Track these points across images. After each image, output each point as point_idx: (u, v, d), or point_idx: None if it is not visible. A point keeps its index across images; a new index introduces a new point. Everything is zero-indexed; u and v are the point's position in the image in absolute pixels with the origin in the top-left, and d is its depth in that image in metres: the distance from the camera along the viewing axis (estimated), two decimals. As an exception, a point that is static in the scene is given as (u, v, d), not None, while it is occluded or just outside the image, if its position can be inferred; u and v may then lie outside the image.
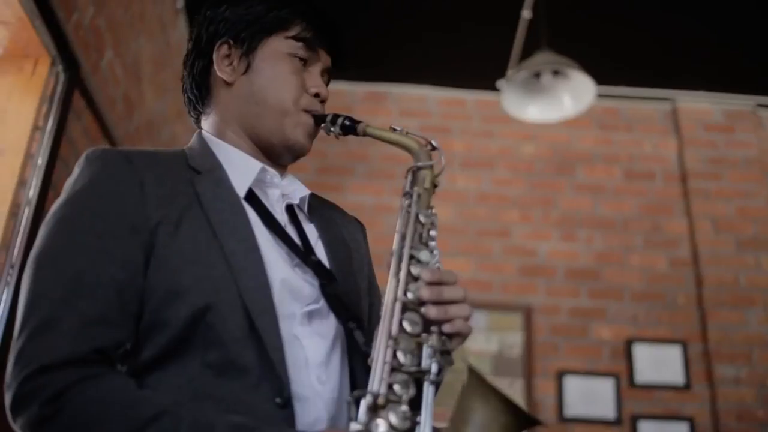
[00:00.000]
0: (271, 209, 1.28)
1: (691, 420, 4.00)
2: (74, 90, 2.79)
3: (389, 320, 1.09)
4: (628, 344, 4.18)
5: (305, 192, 1.37)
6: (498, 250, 4.40)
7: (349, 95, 4.80)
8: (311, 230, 1.34)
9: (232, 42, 1.33)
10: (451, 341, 1.12)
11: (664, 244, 4.44)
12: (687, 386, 4.08)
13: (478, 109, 4.71)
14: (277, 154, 1.34)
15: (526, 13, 3.58)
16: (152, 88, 3.87)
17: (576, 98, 3.43)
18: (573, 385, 4.06)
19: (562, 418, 3.99)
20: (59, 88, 2.73)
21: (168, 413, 0.99)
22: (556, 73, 3.38)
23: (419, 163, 1.27)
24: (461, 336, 1.14)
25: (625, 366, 4.14)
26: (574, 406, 4.02)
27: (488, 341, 4.15)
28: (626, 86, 4.61)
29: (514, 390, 4.02)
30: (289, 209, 1.33)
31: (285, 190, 1.34)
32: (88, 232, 1.10)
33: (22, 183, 2.56)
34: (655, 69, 4.37)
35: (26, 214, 2.54)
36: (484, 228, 4.46)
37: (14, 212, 2.52)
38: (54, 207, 1.15)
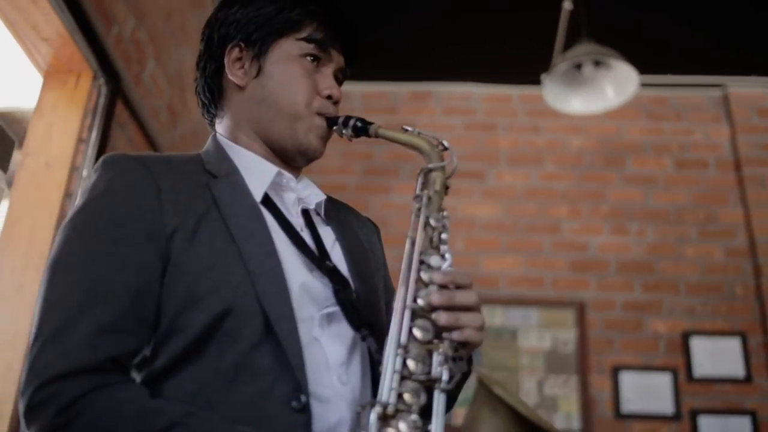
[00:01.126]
0: (287, 213, 1.28)
1: (753, 414, 3.89)
2: (116, 102, 2.85)
3: (398, 328, 1.09)
4: (685, 337, 4.08)
5: (321, 197, 1.36)
6: (548, 245, 4.35)
7: (393, 96, 4.80)
8: (328, 233, 1.34)
9: (243, 45, 1.33)
10: (462, 348, 1.09)
11: (720, 234, 4.33)
12: (748, 379, 3.97)
13: (523, 103, 4.66)
14: (291, 158, 1.34)
15: (567, 4, 3.53)
16: (196, 97, 3.92)
17: (619, 88, 3.37)
18: (629, 381, 3.99)
19: (619, 415, 3.92)
20: (101, 101, 2.79)
21: (179, 425, 0.99)
22: (597, 63, 3.32)
23: (430, 165, 1.24)
24: (473, 345, 1.12)
25: (683, 360, 4.04)
26: (631, 402, 3.94)
27: (541, 338, 4.09)
28: (673, 74, 4.51)
29: (569, 387, 3.96)
30: (305, 213, 1.33)
31: (301, 194, 1.34)
32: (104, 239, 1.10)
33: (68, 195, 2.62)
34: (703, 55, 4.27)
35: (73, 225, 2.59)
36: (533, 224, 4.41)
37: (62, 224, 2.58)
38: (71, 213, 1.16)
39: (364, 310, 1.24)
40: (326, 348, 1.17)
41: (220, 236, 1.15)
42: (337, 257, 1.30)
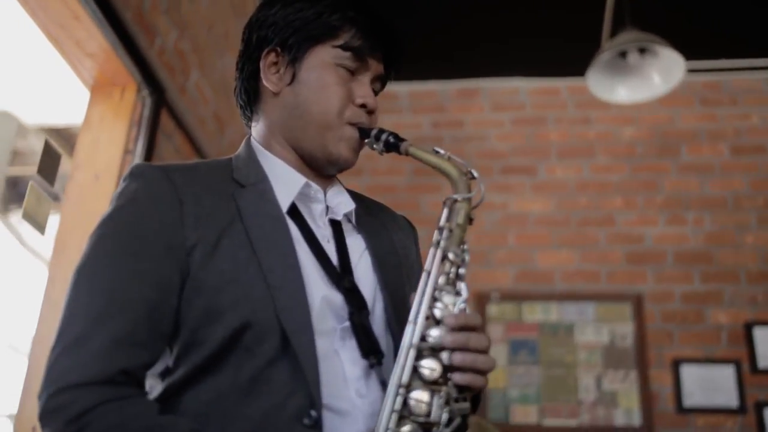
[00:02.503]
0: (313, 225, 1.27)
1: (822, 404, 3.76)
2: (161, 113, 2.90)
3: (401, 367, 1.08)
4: (748, 328, 3.96)
5: (351, 206, 1.34)
6: (603, 238, 4.28)
7: (441, 94, 4.79)
8: (358, 243, 1.32)
9: (279, 50, 1.30)
10: (467, 390, 1.09)
11: (781, 220, 4.20)
12: (815, 369, 3.84)
13: (572, 95, 4.59)
14: (321, 167, 1.32)
15: (611, -8, 3.47)
16: (241, 103, 3.98)
17: (665, 75, 3.29)
18: (691, 374, 3.89)
19: (681, 409, 3.83)
20: (146, 112, 2.85)
21: None
22: (642, 51, 3.25)
23: (456, 196, 1.19)
24: (477, 388, 1.11)
25: (746, 351, 3.93)
26: (694, 396, 3.85)
27: (598, 333, 4.03)
28: (726, 59, 4.38)
29: (629, 382, 3.89)
30: (334, 223, 1.31)
31: (330, 203, 1.32)
32: (125, 252, 1.12)
33: (117, 206, 2.68)
34: (756, 37, 4.14)
35: (122, 235, 2.65)
36: (586, 217, 4.34)
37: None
38: (99, 221, 1.18)
39: (376, 333, 1.22)
40: (345, 361, 1.16)
41: (242, 249, 1.16)
42: (365, 268, 1.29)
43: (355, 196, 1.40)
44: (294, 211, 1.26)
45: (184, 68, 3.24)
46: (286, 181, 1.28)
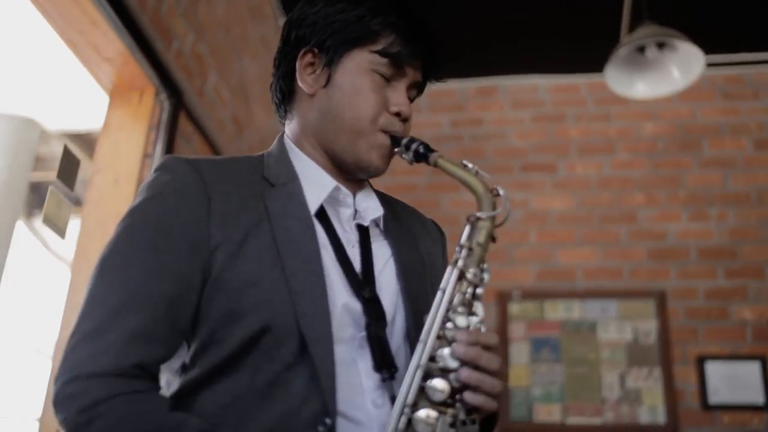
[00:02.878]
0: (340, 229, 1.26)
1: None
2: (179, 116, 2.92)
3: (408, 386, 1.08)
4: (774, 324, 3.92)
5: (379, 211, 1.33)
6: (625, 235, 4.24)
7: (460, 92, 4.77)
8: (384, 249, 1.31)
9: (316, 50, 1.28)
10: (475, 412, 1.08)
11: (806, 214, 4.14)
12: (843, 365, 3.79)
13: (591, 92, 4.55)
14: (351, 172, 1.30)
15: (629, -13, 3.44)
16: (262, 107, 3.99)
17: (685, 70, 3.25)
18: (716, 371, 3.85)
19: (707, 406, 3.79)
20: (164, 116, 2.87)
21: None
22: (661, 46, 3.22)
23: (479, 214, 1.17)
24: (485, 411, 1.09)
25: (772, 347, 3.89)
26: (719, 393, 3.81)
27: (621, 330, 4.00)
28: (746, 52, 4.33)
29: (653, 379, 3.85)
30: (361, 228, 1.30)
31: (359, 207, 1.31)
32: (148, 246, 1.12)
33: (136, 209, 2.70)
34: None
35: (142, 238, 2.66)
36: (608, 214, 4.31)
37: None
38: (126, 211, 1.18)
39: (391, 347, 1.20)
40: (362, 371, 1.16)
41: (267, 250, 1.15)
42: (389, 276, 1.27)
43: (384, 198, 1.39)
44: (322, 214, 1.25)
45: (201, 71, 3.26)
46: (316, 183, 1.27)
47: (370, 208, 1.32)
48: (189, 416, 1.07)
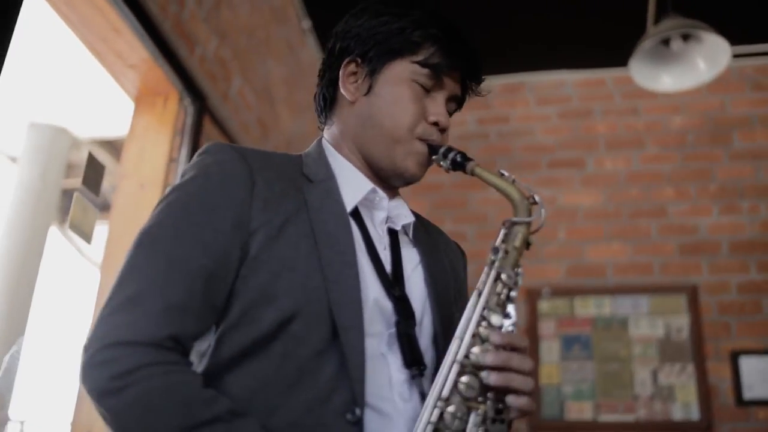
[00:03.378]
0: (372, 231, 1.28)
1: None
2: (203, 120, 2.94)
3: (443, 381, 1.10)
4: (809, 317, 3.85)
5: (410, 218, 1.36)
6: (655, 230, 4.20)
7: (485, 90, 4.74)
8: (412, 255, 1.33)
9: (359, 60, 1.33)
10: (507, 412, 1.10)
11: (840, 205, 4.06)
12: None
13: (618, 86, 4.51)
14: (387, 178, 1.34)
15: (652, -21, 3.40)
16: (287, 109, 4.01)
17: (711, 61, 3.21)
18: (750, 366, 3.79)
19: (741, 402, 3.73)
20: (189, 121, 2.89)
21: (221, 421, 1.02)
22: (686, 37, 3.18)
23: (515, 219, 1.21)
24: (519, 411, 1.12)
25: (808, 341, 3.82)
26: (754, 388, 3.75)
27: (653, 326, 3.95)
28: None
29: (686, 375, 3.81)
30: (392, 233, 1.32)
31: (391, 213, 1.34)
32: (191, 221, 1.14)
33: (162, 213, 2.73)
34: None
35: (168, 242, 2.69)
36: (637, 209, 4.26)
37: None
38: (168, 189, 1.20)
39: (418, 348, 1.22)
40: (391, 365, 1.17)
41: (304, 239, 1.17)
42: (417, 280, 1.30)
43: (414, 214, 1.42)
44: (356, 214, 1.28)
45: (225, 75, 3.28)
46: (352, 184, 1.30)
47: (402, 215, 1.35)
48: (220, 395, 1.07)
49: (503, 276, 1.17)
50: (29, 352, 3.49)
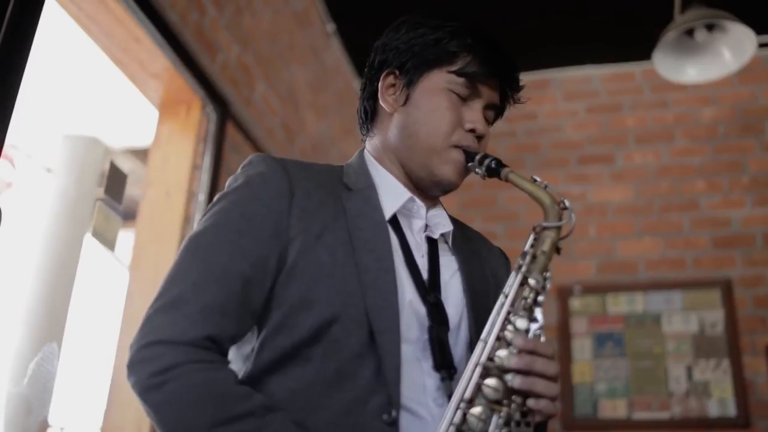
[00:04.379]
0: (410, 238, 1.32)
1: None
2: (226, 127, 2.97)
3: (466, 382, 1.12)
4: None
5: (449, 227, 1.38)
6: (687, 224, 4.13)
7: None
8: (450, 263, 1.36)
9: (397, 72, 1.37)
10: (530, 415, 1.12)
11: None
12: None
13: (646, 79, 4.44)
14: (426, 187, 1.37)
15: (677, -30, 3.35)
16: (312, 113, 4.03)
17: (736, 51, 3.15)
18: (788, 360, 3.72)
19: (779, 397, 3.67)
20: (211, 128, 2.92)
21: (254, 416, 1.07)
22: (710, 28, 3.13)
23: (545, 223, 1.23)
24: (543, 414, 1.13)
25: None
26: (792, 383, 3.67)
27: (687, 321, 3.90)
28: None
29: (721, 371, 3.75)
30: (430, 241, 1.35)
31: (429, 222, 1.37)
32: (232, 229, 1.20)
33: (187, 220, 2.76)
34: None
35: (193, 248, 2.72)
36: (668, 203, 4.21)
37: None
38: (216, 197, 1.28)
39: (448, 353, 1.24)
40: (426, 370, 1.21)
41: (342, 246, 1.22)
42: (455, 287, 1.32)
43: (454, 221, 1.44)
44: (394, 222, 1.32)
45: (249, 81, 3.31)
46: (391, 193, 1.34)
47: (441, 224, 1.38)
48: (254, 391, 1.12)
49: (531, 281, 1.19)
50: (68, 358, 3.55)
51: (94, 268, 4.04)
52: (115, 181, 2.31)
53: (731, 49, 3.17)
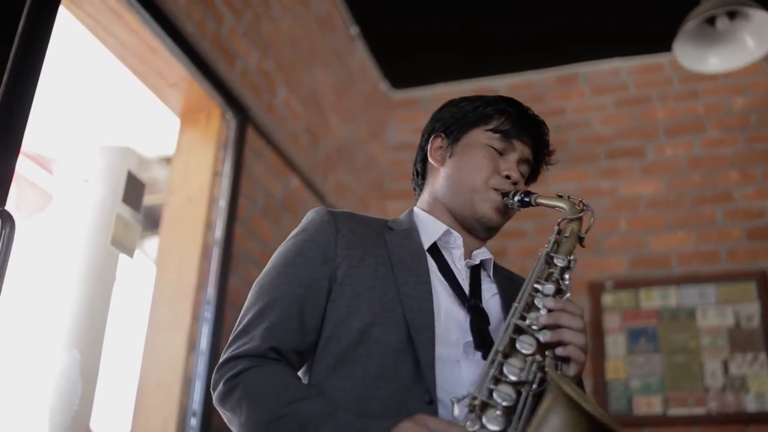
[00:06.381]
0: (452, 264, 1.52)
1: None
2: (245, 133, 3.00)
3: (501, 337, 1.28)
4: None
5: (489, 256, 1.59)
6: (720, 216, 4.06)
7: (540, 84, 4.70)
8: (491, 287, 1.55)
9: (443, 135, 1.64)
10: (565, 364, 1.28)
11: None
12: None
13: (676, 70, 4.35)
14: (470, 227, 1.57)
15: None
16: (337, 116, 4.05)
17: (760, 38, 3.08)
18: (827, 353, 3.62)
19: (818, 390, 3.58)
20: (231, 134, 2.96)
21: (309, 399, 1.26)
22: (732, 15, 3.07)
23: (567, 216, 1.47)
24: (575, 363, 1.28)
25: None
26: (832, 376, 3.58)
27: (722, 315, 3.82)
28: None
29: (758, 365, 3.67)
30: (473, 269, 1.54)
31: (473, 257, 1.56)
32: (290, 264, 1.45)
33: (209, 225, 2.80)
34: None
35: (215, 254, 2.76)
36: (701, 195, 4.13)
37: (205, 254, 2.76)
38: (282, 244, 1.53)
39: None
40: (464, 372, 1.36)
41: (383, 266, 1.44)
42: (494, 306, 1.50)
43: (500, 269, 1.64)
44: (435, 251, 1.53)
45: (269, 87, 3.34)
46: (430, 229, 1.56)
47: (481, 254, 1.58)
48: (304, 384, 1.38)
49: (556, 260, 1.39)
50: (106, 365, 3.62)
51: (133, 275, 4.10)
52: (132, 191, 2.35)
53: (754, 36, 3.10)
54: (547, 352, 1.27)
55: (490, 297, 1.52)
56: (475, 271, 1.54)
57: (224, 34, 2.99)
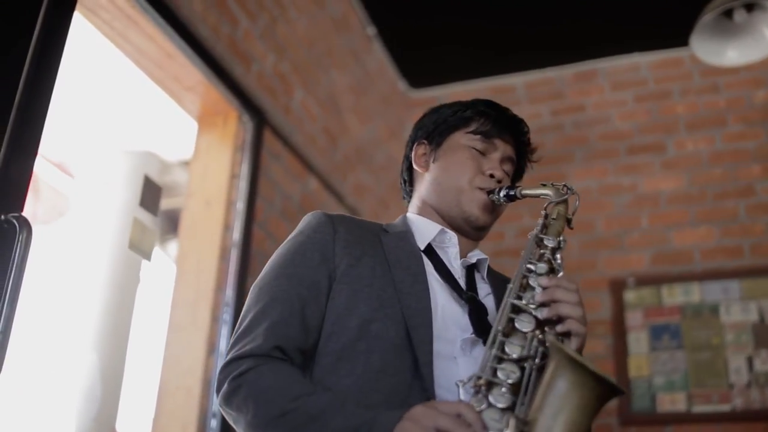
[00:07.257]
0: (447, 263, 1.54)
1: None
2: (262, 136, 3.02)
3: (500, 317, 1.31)
4: None
5: (484, 257, 1.62)
6: (743, 210, 4.01)
7: (558, 81, 4.68)
8: (485, 288, 1.57)
9: (426, 142, 1.68)
10: (567, 339, 1.29)
11: None
12: None
13: (696, 64, 4.30)
14: (460, 227, 1.60)
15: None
16: (355, 117, 4.05)
17: (779, 30, 3.06)
18: None
19: None
20: (248, 137, 2.97)
21: (314, 394, 1.27)
22: (749, 8, 3.04)
23: (551, 200, 1.50)
24: (576, 336, 1.30)
25: None
26: None
27: (746, 311, 3.78)
28: None
29: (784, 360, 3.63)
30: (468, 268, 1.57)
31: (468, 257, 1.58)
32: (289, 264, 1.46)
33: (227, 228, 2.82)
34: None
35: (234, 256, 2.78)
36: (723, 190, 4.09)
37: (224, 256, 2.78)
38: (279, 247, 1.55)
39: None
40: (461, 366, 1.38)
41: (380, 265, 1.46)
42: (489, 305, 1.51)
43: (494, 273, 1.66)
44: (430, 252, 1.55)
45: (286, 89, 3.36)
46: (424, 230, 1.59)
47: (476, 255, 1.61)
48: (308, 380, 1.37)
49: (546, 241, 1.42)
50: (134, 368, 3.66)
51: (155, 278, 4.14)
52: (149, 195, 2.38)
53: (772, 28, 3.07)
54: (546, 329, 1.30)
55: (485, 296, 1.54)
56: (471, 271, 1.57)
57: (239, 38, 3.01)
